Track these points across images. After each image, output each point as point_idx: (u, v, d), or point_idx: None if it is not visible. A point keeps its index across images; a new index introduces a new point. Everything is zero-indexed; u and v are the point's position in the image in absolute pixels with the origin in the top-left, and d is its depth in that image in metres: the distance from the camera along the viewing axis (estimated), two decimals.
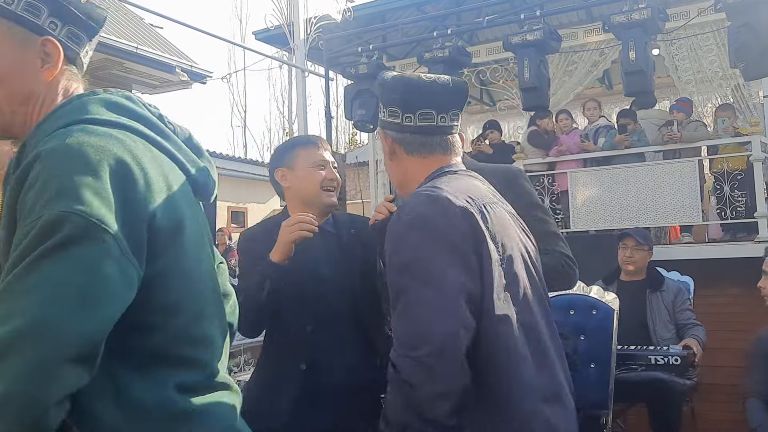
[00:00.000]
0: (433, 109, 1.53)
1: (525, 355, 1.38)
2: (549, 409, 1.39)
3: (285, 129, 23.72)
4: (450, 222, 1.35)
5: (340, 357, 2.08)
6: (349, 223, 2.29)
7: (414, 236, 1.35)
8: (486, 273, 1.35)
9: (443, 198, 1.38)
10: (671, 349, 3.52)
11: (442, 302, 1.29)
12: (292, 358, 2.10)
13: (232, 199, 13.39)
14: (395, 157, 1.61)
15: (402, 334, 1.32)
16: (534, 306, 1.46)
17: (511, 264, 1.42)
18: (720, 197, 5.67)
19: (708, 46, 6.14)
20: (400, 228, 1.38)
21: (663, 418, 3.69)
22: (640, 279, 4.12)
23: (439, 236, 1.34)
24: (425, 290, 1.30)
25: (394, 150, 1.60)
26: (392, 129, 1.58)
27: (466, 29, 7.15)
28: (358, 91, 6.37)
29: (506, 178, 2.06)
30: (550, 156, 6.47)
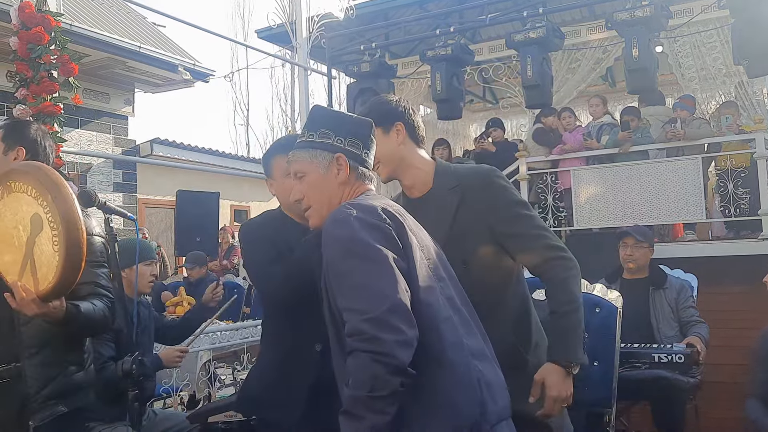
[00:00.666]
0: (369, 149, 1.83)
1: (449, 317, 1.61)
2: (480, 364, 1.61)
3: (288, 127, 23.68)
4: (376, 216, 1.59)
5: None
6: None
7: (349, 226, 1.55)
8: (409, 254, 1.60)
9: (368, 203, 1.64)
10: (675, 347, 3.50)
11: (385, 271, 1.51)
12: (308, 339, 2.13)
13: (235, 197, 13.39)
14: (338, 180, 1.75)
15: (358, 303, 1.49)
16: (451, 285, 1.70)
17: (429, 251, 1.69)
18: (724, 195, 5.65)
19: (711, 43, 6.12)
20: (335, 224, 1.59)
21: (666, 416, 3.68)
22: (643, 277, 4.11)
23: (370, 226, 1.56)
24: (369, 264, 1.52)
25: (344, 176, 1.75)
26: (354, 159, 1.76)
27: (469, 27, 7.14)
28: (360, 89, 6.38)
29: (480, 178, 2.08)
30: (554, 154, 6.46)
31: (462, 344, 1.60)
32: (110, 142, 9.77)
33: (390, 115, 2.10)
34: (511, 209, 2.04)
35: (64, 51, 4.12)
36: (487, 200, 2.03)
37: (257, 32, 8.19)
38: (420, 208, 2.07)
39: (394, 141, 2.09)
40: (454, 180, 2.08)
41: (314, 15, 6.76)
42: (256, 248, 2.28)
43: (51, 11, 4.09)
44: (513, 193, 2.10)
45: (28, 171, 1.90)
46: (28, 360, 2.08)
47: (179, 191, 8.37)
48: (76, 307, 2.01)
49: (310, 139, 1.76)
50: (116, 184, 9.75)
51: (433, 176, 2.11)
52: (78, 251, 1.86)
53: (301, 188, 1.76)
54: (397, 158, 2.10)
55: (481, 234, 2.02)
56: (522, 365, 2.03)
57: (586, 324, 3.10)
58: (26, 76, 4.00)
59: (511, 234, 2.02)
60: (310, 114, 1.84)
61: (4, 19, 4.96)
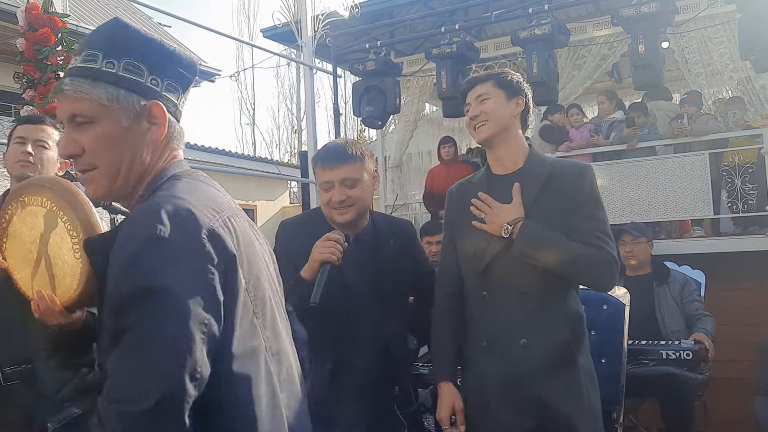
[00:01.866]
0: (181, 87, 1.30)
1: (273, 394, 1.20)
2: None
3: (293, 126, 23.76)
4: (196, 244, 1.09)
5: (361, 358, 2.14)
6: (389, 233, 2.31)
7: (151, 259, 1.05)
8: (232, 307, 1.13)
9: (189, 206, 1.12)
10: (683, 344, 3.49)
11: (173, 344, 1.03)
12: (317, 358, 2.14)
13: (241, 196, 13.42)
14: (146, 139, 1.23)
15: (118, 380, 1.04)
16: (281, 329, 1.29)
17: (259, 285, 1.22)
18: (731, 191, 5.63)
19: (718, 38, 6.08)
20: (134, 247, 1.07)
21: (675, 412, 3.68)
22: (646, 273, 4.11)
23: (182, 262, 1.07)
24: (158, 327, 1.03)
25: (157, 135, 1.24)
26: (172, 112, 1.27)
27: (474, 24, 7.12)
28: (366, 87, 6.37)
29: (573, 169, 2.12)
30: (560, 151, 6.44)
31: None
32: None
33: (518, 86, 2.14)
34: (589, 205, 2.05)
35: (70, 52, 4.13)
36: (571, 190, 2.04)
37: (263, 31, 8.20)
38: (502, 185, 2.11)
39: (511, 110, 2.11)
40: (547, 167, 2.10)
41: (319, 14, 6.77)
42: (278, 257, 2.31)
43: (57, 12, 4.11)
44: (597, 192, 2.11)
45: (42, 184, 1.90)
46: (43, 362, 2.10)
47: None
48: (93, 315, 2.02)
49: (108, 68, 1.19)
50: None
51: (525, 159, 2.12)
52: None
53: (81, 139, 1.20)
54: (506, 126, 2.11)
55: (557, 220, 2.03)
56: (573, 364, 2.03)
57: (593, 321, 3.13)
58: (33, 77, 4.02)
59: (577, 229, 2.02)
60: (106, 30, 1.29)
61: (11, 20, 4.99)
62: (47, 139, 2.29)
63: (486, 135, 2.11)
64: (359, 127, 22.19)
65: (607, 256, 2.00)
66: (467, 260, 2.13)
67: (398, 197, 8.12)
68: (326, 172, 2.16)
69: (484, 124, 2.09)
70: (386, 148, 8.73)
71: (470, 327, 2.15)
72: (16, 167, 2.22)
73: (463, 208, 2.17)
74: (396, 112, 6.79)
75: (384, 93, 6.30)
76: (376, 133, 9.25)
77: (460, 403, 2.12)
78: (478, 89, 2.13)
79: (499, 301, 2.05)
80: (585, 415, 2.01)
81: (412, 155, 8.81)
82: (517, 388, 2.00)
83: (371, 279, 2.19)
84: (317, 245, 2.05)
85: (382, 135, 8.73)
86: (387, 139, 8.81)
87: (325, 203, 2.18)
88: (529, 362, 1.99)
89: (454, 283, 2.20)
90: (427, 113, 8.84)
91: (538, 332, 2.00)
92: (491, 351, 2.05)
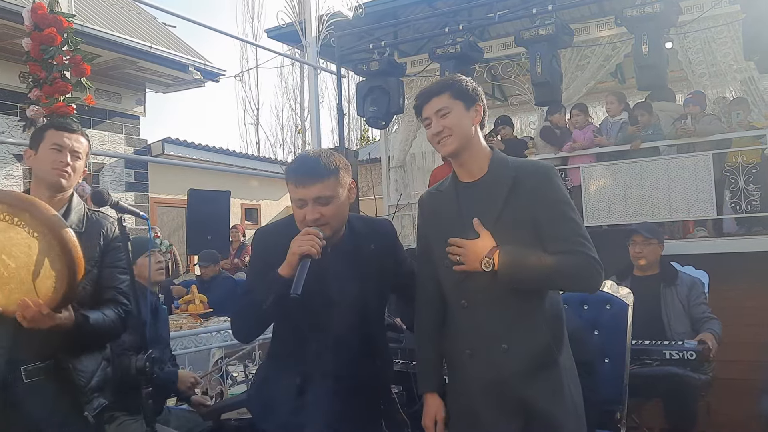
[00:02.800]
0: None
1: None
2: None
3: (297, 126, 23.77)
4: None
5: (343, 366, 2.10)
6: (368, 236, 2.25)
7: None
8: None
9: None
10: (686, 344, 3.50)
11: None
12: (294, 361, 2.14)
13: (246, 196, 13.44)
14: None
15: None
16: None
17: None
18: (735, 191, 5.62)
19: (722, 38, 6.08)
20: None
21: (678, 413, 3.67)
22: (654, 273, 4.11)
23: None
24: None
25: None
26: None
27: (478, 25, 7.12)
28: (370, 87, 6.38)
29: (537, 172, 2.10)
30: (563, 151, 6.44)
31: None
32: (122, 142, 9.83)
33: (474, 94, 2.13)
34: (559, 207, 2.04)
35: (76, 52, 4.15)
36: (538, 193, 2.04)
37: (267, 32, 8.21)
38: (471, 192, 2.12)
39: (471, 119, 2.11)
40: (511, 170, 2.09)
41: (323, 14, 6.78)
42: (250, 265, 2.31)
43: (63, 12, 4.12)
44: (564, 194, 2.10)
45: None
46: (71, 356, 2.13)
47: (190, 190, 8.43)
48: (85, 318, 2.05)
49: None
50: (128, 184, 9.80)
51: (489, 163, 2.12)
52: (71, 251, 1.88)
53: None
54: (469, 136, 2.11)
55: (525, 226, 2.03)
56: (553, 365, 2.04)
57: (596, 321, 3.13)
58: (39, 76, 4.03)
59: (552, 235, 2.02)
60: None
61: (17, 20, 5.00)
62: (81, 150, 2.31)
63: (452, 149, 2.10)
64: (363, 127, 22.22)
65: (589, 260, 2.01)
66: (444, 271, 2.12)
67: (402, 197, 8.13)
68: (299, 190, 2.06)
69: (448, 137, 2.08)
70: (390, 148, 8.73)
71: (452, 337, 2.15)
72: (51, 174, 2.22)
73: (436, 218, 2.18)
74: (400, 113, 6.79)
75: (388, 93, 6.30)
76: (380, 133, 9.26)
77: (441, 413, 2.15)
78: (435, 103, 2.10)
79: (478, 310, 2.06)
80: (568, 414, 2.03)
81: (416, 155, 8.81)
82: (502, 391, 2.01)
83: (353, 286, 2.13)
84: (295, 240, 2.00)
85: (385, 135, 8.74)
86: (390, 139, 8.82)
87: (299, 220, 2.10)
88: (511, 366, 2.00)
89: (433, 293, 2.20)
90: None
91: (518, 337, 2.01)
92: (475, 358, 2.07)
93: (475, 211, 2.07)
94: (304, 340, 2.12)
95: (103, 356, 2.28)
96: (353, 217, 2.28)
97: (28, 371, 2.06)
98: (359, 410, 2.15)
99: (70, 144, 2.27)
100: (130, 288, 2.26)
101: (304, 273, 1.94)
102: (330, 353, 2.09)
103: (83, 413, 2.11)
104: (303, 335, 2.13)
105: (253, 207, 14.04)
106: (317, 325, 2.10)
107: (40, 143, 2.27)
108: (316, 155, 2.13)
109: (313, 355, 2.10)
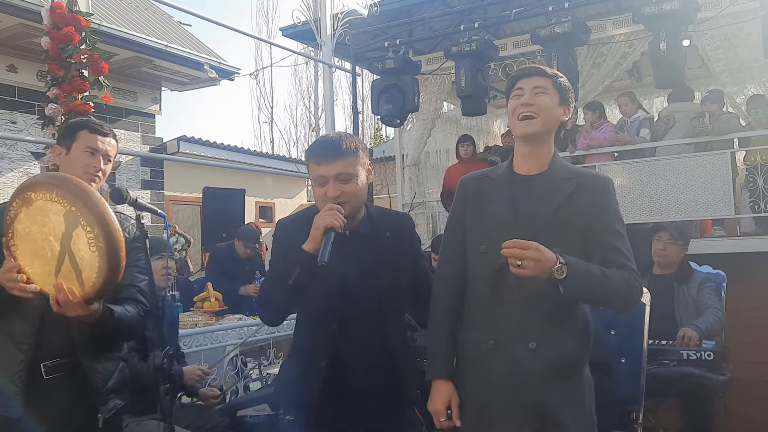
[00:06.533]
0: None
1: None
2: None
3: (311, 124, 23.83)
4: None
5: (361, 357, 2.12)
6: (385, 225, 2.26)
7: None
8: None
9: None
10: (704, 345, 3.46)
11: None
12: (316, 354, 2.14)
13: (260, 194, 13.48)
14: None
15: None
16: None
17: None
18: (753, 190, 5.56)
19: (741, 35, 6.01)
20: None
21: (695, 413, 3.64)
22: (671, 273, 4.07)
23: None
24: None
25: None
26: None
27: (493, 22, 7.09)
28: (384, 86, 6.38)
29: (598, 180, 2.10)
30: (579, 149, 6.41)
31: None
32: (138, 140, 9.91)
33: (570, 96, 2.11)
34: (613, 221, 2.03)
35: (94, 50, 4.18)
36: (597, 202, 2.02)
37: (282, 30, 8.23)
38: (528, 186, 2.07)
39: (560, 115, 2.08)
40: (571, 173, 2.08)
41: (338, 12, 6.78)
42: (272, 253, 2.30)
43: (81, 11, 4.15)
44: (618, 208, 2.09)
45: (53, 182, 1.92)
46: (90, 355, 2.13)
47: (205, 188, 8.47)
48: (111, 311, 2.05)
49: None
50: (144, 182, 9.88)
51: (550, 162, 2.09)
52: (117, 251, 1.88)
53: None
54: (552, 128, 2.09)
55: (577, 230, 2.00)
56: (577, 374, 2.01)
57: (614, 320, 3.11)
58: (58, 75, 4.07)
59: (603, 241, 2.00)
60: None
61: (36, 19, 5.05)
62: (112, 153, 2.30)
63: (533, 130, 2.04)
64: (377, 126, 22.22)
65: (636, 280, 1.98)
66: (480, 255, 2.05)
67: (416, 195, 8.12)
68: (320, 167, 2.10)
69: (534, 117, 2.02)
70: (404, 147, 8.73)
71: (474, 325, 2.08)
72: (82, 177, 2.17)
73: (481, 203, 2.12)
74: (414, 111, 6.78)
75: (403, 91, 6.29)
76: (394, 132, 9.25)
77: (456, 398, 2.07)
78: (536, 80, 2.06)
79: (512, 299, 1.99)
80: (586, 427, 1.98)
81: (430, 153, 8.80)
82: (521, 390, 1.95)
83: (369, 273, 2.14)
84: (318, 215, 2.02)
85: (400, 133, 8.73)
86: (405, 138, 8.82)
87: (319, 198, 2.12)
88: (536, 366, 1.94)
89: (457, 276, 2.13)
90: (446, 112, 8.83)
91: (549, 338, 1.95)
92: (498, 351, 1.99)
93: (532, 204, 2.01)
94: (324, 329, 2.12)
95: (121, 357, 2.28)
96: (372, 207, 2.30)
97: (48, 367, 2.06)
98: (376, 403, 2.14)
99: (103, 148, 2.26)
100: (148, 288, 2.27)
101: (329, 243, 1.96)
102: (349, 343, 2.10)
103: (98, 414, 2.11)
104: (322, 324, 2.13)
105: (268, 205, 14.08)
106: (335, 311, 2.11)
107: (73, 143, 2.25)
108: (337, 136, 2.18)
109: (332, 345, 2.11)
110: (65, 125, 2.44)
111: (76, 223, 1.87)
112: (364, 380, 2.10)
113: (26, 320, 2.04)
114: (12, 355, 2.04)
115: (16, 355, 2.03)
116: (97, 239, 1.85)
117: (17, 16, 7.08)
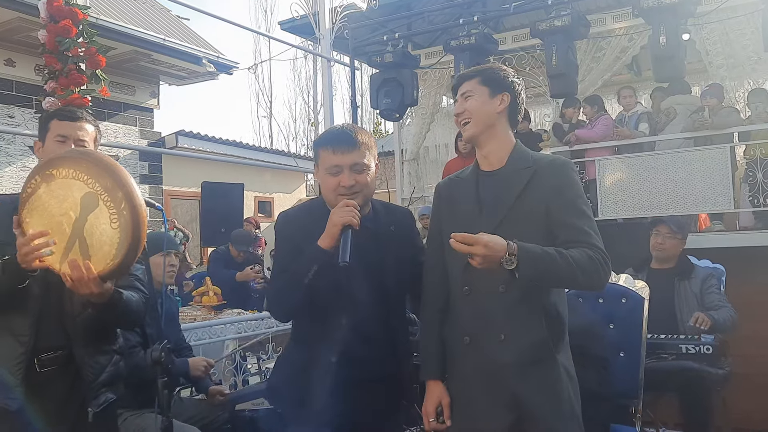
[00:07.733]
0: None
1: None
2: None
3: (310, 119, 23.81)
4: None
5: (369, 352, 2.13)
6: (389, 219, 2.28)
7: None
8: None
9: None
10: (703, 338, 3.47)
11: None
12: (324, 349, 2.13)
13: (259, 188, 13.47)
14: None
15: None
16: None
17: None
18: (752, 184, 5.55)
19: (741, 29, 5.99)
20: None
21: (694, 407, 3.64)
22: (670, 267, 4.06)
23: None
24: None
25: None
26: None
27: (493, 16, 7.06)
28: (383, 79, 6.36)
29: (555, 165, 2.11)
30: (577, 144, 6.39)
31: None
32: (136, 134, 9.89)
33: (504, 82, 2.14)
34: (574, 201, 2.04)
35: (91, 44, 4.16)
36: (555, 185, 2.04)
37: (280, 24, 8.20)
38: (490, 181, 2.12)
39: (495, 107, 2.11)
40: (530, 162, 2.09)
41: (337, 6, 6.76)
42: (277, 248, 2.29)
43: (78, 4, 4.13)
44: (580, 189, 2.10)
45: (77, 158, 1.90)
46: (84, 349, 2.11)
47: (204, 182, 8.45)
48: (120, 293, 2.03)
49: None
50: (142, 176, 9.87)
51: (509, 155, 2.13)
52: (141, 229, 1.86)
53: None
54: (489, 123, 2.12)
55: (539, 216, 2.02)
56: (550, 362, 2.01)
57: (612, 314, 3.11)
58: (55, 68, 4.05)
59: (565, 223, 2.01)
60: None
61: (33, 13, 5.03)
62: (87, 138, 2.22)
63: (470, 133, 2.13)
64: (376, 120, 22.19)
65: (601, 256, 1.97)
66: (452, 255, 2.08)
67: (415, 190, 8.10)
68: (335, 156, 2.11)
69: (467, 122, 2.11)
70: (403, 141, 8.71)
71: (453, 323, 2.14)
72: None
73: (451, 204, 2.18)
74: (413, 105, 6.76)
75: (402, 85, 6.28)
76: (393, 126, 9.23)
77: (447, 398, 2.12)
78: (464, 86, 2.14)
79: (479, 296, 2.04)
80: (565, 419, 1.98)
81: (429, 148, 8.78)
82: (496, 381, 1.99)
83: (377, 267, 2.16)
84: (335, 211, 2.03)
85: (399, 128, 8.71)
86: (404, 132, 8.79)
87: (332, 188, 2.12)
88: (506, 356, 1.98)
89: (440, 280, 2.19)
90: (445, 106, 8.80)
91: (517, 327, 1.99)
92: (472, 347, 2.05)
93: (492, 199, 2.07)
94: (333, 324, 2.12)
95: (117, 351, 2.27)
96: (375, 201, 2.31)
97: (42, 360, 2.05)
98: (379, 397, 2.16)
99: (74, 134, 2.19)
100: (144, 276, 2.26)
101: (348, 242, 1.97)
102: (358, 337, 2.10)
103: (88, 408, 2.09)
104: (325, 316, 2.13)
105: (267, 199, 14.07)
106: (344, 306, 2.11)
107: (47, 134, 2.22)
108: (351, 127, 2.20)
109: (334, 337, 2.11)
110: (40, 118, 2.39)
111: (97, 199, 1.85)
112: (371, 374, 2.10)
113: (25, 312, 2.02)
114: (11, 347, 2.02)
115: (16, 347, 2.02)
116: (120, 215, 1.83)
117: (15, 10, 7.07)
